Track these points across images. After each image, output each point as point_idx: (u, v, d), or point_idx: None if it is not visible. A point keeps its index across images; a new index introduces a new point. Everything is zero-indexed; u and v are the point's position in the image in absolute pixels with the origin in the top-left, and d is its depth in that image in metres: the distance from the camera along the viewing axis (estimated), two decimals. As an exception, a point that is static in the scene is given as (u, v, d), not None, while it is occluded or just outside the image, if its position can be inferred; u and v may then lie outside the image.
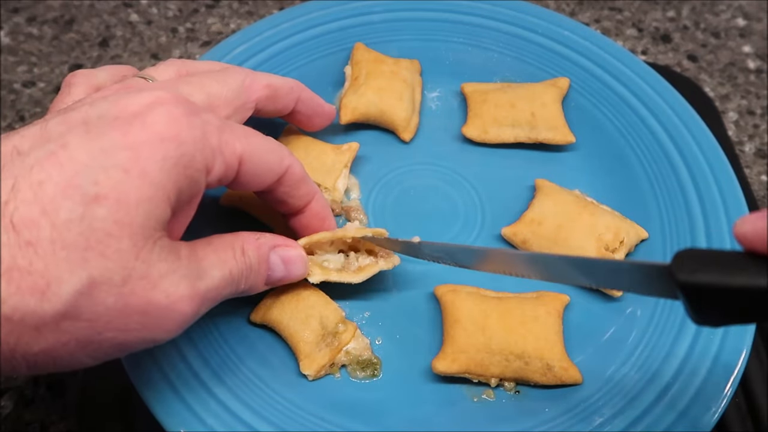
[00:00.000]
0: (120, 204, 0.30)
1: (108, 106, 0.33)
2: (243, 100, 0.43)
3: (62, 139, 0.30)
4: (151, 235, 0.31)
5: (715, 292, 0.26)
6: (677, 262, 0.27)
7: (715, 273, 0.26)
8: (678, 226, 0.49)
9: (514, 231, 0.49)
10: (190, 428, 0.39)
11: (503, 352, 0.42)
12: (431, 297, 0.47)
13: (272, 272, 0.40)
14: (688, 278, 0.26)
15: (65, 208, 0.29)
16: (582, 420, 0.41)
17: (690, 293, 0.27)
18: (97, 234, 0.29)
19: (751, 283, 0.25)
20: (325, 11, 0.60)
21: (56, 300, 0.28)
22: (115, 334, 0.31)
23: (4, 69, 0.67)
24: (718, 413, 0.40)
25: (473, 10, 0.61)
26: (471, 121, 0.55)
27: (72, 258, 0.29)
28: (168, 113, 0.32)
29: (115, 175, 0.30)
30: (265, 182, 0.39)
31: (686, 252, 0.27)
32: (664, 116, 0.54)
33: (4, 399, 0.47)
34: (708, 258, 0.27)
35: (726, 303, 0.26)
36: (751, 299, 0.25)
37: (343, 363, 0.44)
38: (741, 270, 0.25)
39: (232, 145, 0.35)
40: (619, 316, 0.47)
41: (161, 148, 0.31)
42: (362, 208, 0.52)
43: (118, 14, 0.73)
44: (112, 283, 0.30)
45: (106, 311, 0.30)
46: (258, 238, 0.39)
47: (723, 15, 0.77)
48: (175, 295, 0.32)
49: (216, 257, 0.36)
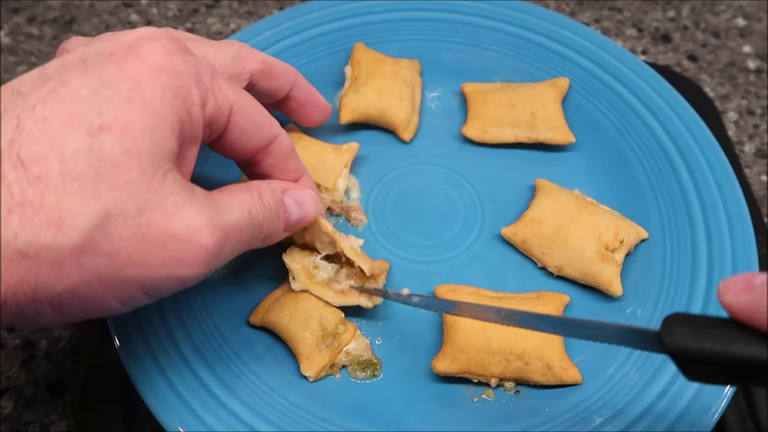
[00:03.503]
0: (126, 133, 0.29)
1: (103, 44, 0.32)
2: (238, 69, 0.43)
3: (61, 77, 0.30)
4: (160, 166, 0.31)
5: (703, 358, 0.27)
6: (666, 328, 0.28)
7: (700, 340, 0.27)
8: (678, 226, 0.49)
9: (514, 231, 0.49)
10: (190, 428, 0.39)
11: (503, 352, 0.42)
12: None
13: (289, 215, 0.39)
14: (675, 344, 0.28)
15: (72, 140, 0.28)
16: (582, 420, 0.41)
17: (678, 358, 0.28)
18: (106, 164, 0.29)
19: (735, 352, 0.26)
20: (325, 11, 0.60)
21: (72, 233, 0.28)
22: (137, 271, 0.30)
23: (4, 69, 0.67)
24: (718, 413, 0.40)
25: (473, 10, 0.61)
26: (471, 121, 0.55)
27: (84, 190, 0.28)
28: (162, 46, 0.32)
29: (118, 104, 0.30)
30: (253, 144, 0.38)
31: (674, 317, 0.29)
32: (664, 116, 0.54)
33: (4, 399, 0.47)
34: (695, 324, 0.28)
35: (714, 368, 0.27)
36: (736, 366, 0.26)
37: (343, 364, 0.44)
38: (726, 339, 0.27)
39: (224, 91, 0.35)
40: (619, 316, 0.47)
41: (159, 78, 0.31)
42: (362, 208, 0.52)
43: (118, 14, 0.73)
44: (127, 215, 0.29)
45: (123, 244, 0.29)
46: (269, 183, 0.38)
47: (723, 15, 0.77)
48: (195, 226, 0.31)
49: (233, 198, 0.35)
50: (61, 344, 0.50)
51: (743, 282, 0.27)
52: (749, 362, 0.26)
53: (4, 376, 0.48)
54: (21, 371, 0.48)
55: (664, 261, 0.48)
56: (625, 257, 0.48)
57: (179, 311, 0.44)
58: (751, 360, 0.26)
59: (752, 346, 0.26)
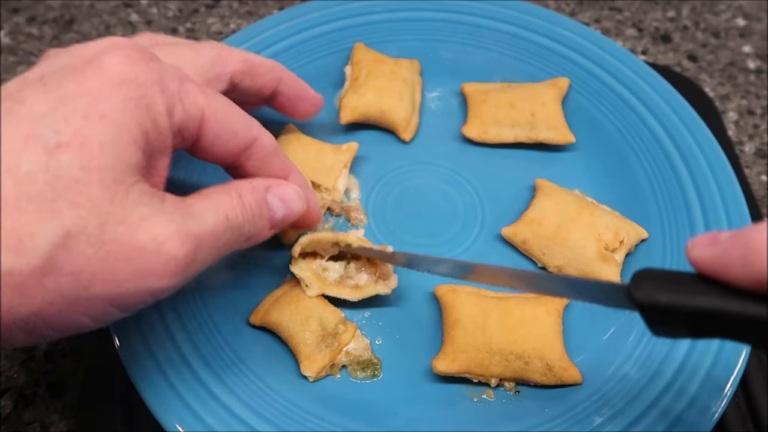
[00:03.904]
0: (84, 149, 0.29)
1: (67, 58, 0.32)
2: (217, 71, 0.42)
3: (20, 95, 0.29)
4: (124, 179, 0.30)
5: (669, 311, 0.28)
6: (635, 282, 0.29)
7: (668, 294, 0.28)
8: (678, 226, 0.49)
9: (514, 231, 0.49)
10: (190, 428, 0.39)
11: (503, 352, 0.42)
12: (431, 297, 0.47)
13: (273, 213, 0.38)
14: (644, 298, 0.28)
15: (27, 160, 0.28)
16: (582, 420, 0.41)
17: (646, 311, 0.28)
18: (64, 182, 0.28)
19: (701, 305, 0.27)
20: (325, 11, 0.60)
21: (32, 255, 0.27)
22: (104, 287, 0.30)
23: (4, 69, 0.67)
24: (718, 413, 0.40)
25: (473, 10, 0.61)
26: (471, 121, 0.55)
27: (42, 210, 0.28)
28: (124, 56, 0.31)
29: (75, 120, 0.29)
30: (231, 148, 0.37)
31: (644, 272, 0.29)
32: (664, 116, 0.54)
33: (4, 399, 0.47)
34: (664, 279, 0.28)
35: (679, 321, 0.28)
36: (702, 319, 0.27)
37: (343, 363, 0.44)
38: (693, 292, 0.27)
39: (194, 96, 0.34)
40: (619, 316, 0.47)
41: (120, 89, 0.30)
42: (362, 208, 0.52)
43: (118, 14, 0.73)
44: (88, 232, 0.28)
45: (87, 262, 0.29)
46: (251, 182, 0.38)
47: (723, 15, 0.77)
48: (162, 236, 0.30)
49: (208, 202, 0.34)
50: (61, 344, 0.50)
51: (709, 238, 0.28)
52: (714, 314, 0.27)
53: (4, 376, 0.48)
54: (21, 371, 0.48)
55: (664, 261, 0.48)
56: (625, 257, 0.48)
57: (179, 311, 0.44)
58: (716, 312, 0.27)
59: (717, 298, 0.27)
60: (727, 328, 0.27)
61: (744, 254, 0.26)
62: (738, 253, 0.26)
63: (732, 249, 0.26)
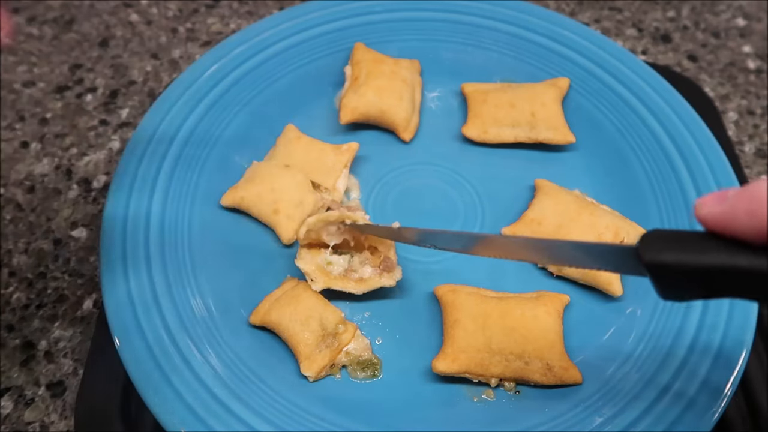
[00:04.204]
0: None
1: None
2: None
3: None
4: None
5: (678, 270, 0.27)
6: (643, 244, 0.28)
7: (677, 253, 0.27)
8: (678, 226, 0.49)
9: (514, 231, 0.49)
10: (190, 428, 0.39)
11: (503, 352, 0.42)
12: (431, 297, 0.47)
13: None
14: (653, 258, 0.27)
15: None
16: (582, 420, 0.41)
17: (655, 272, 0.28)
18: None
19: (710, 261, 0.26)
20: (325, 11, 0.60)
21: None
22: None
23: (4, 69, 0.67)
24: (718, 413, 0.40)
25: (473, 10, 0.61)
26: (471, 121, 0.55)
27: None
28: None
29: None
30: None
31: (652, 233, 0.29)
32: (664, 116, 0.54)
33: (4, 399, 0.47)
34: (672, 239, 0.28)
35: (688, 281, 0.27)
36: (710, 277, 0.27)
37: (343, 363, 0.44)
38: (702, 251, 0.27)
39: None
40: (619, 316, 0.47)
41: None
42: (362, 208, 0.52)
43: (118, 14, 0.73)
44: None
45: None
46: None
47: (723, 15, 0.77)
48: None
49: None
50: (61, 344, 0.50)
51: (717, 196, 0.28)
52: (723, 270, 0.26)
53: (4, 376, 0.48)
54: (21, 371, 0.48)
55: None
56: (625, 257, 0.48)
57: (179, 311, 0.44)
58: (725, 268, 0.26)
59: (726, 254, 0.26)
60: (735, 285, 0.27)
61: (749, 207, 0.26)
62: (744, 207, 0.26)
63: (738, 203, 0.27)
